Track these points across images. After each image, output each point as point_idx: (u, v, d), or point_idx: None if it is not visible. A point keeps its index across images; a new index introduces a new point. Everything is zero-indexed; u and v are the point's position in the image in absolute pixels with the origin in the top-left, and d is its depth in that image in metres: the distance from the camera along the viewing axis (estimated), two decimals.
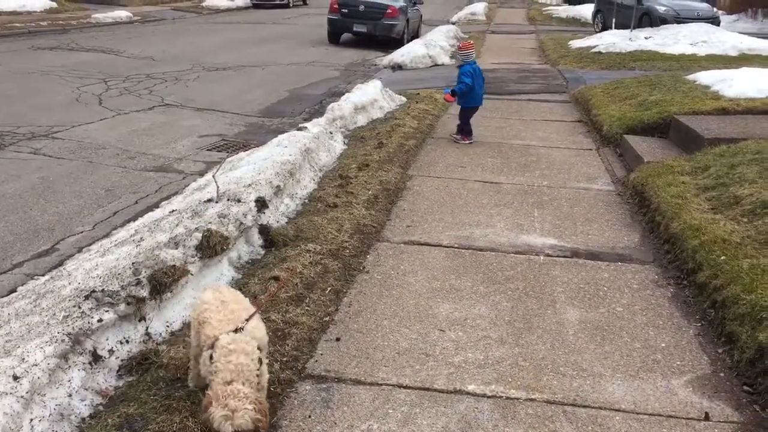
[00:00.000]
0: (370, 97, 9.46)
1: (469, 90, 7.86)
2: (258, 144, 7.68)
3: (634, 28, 19.03)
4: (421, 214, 5.48)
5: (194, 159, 7.53)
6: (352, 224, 4.96)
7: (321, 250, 4.41)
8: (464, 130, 8.07)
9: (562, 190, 6.20)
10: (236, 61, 15.27)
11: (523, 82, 12.97)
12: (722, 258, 3.96)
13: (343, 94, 10.00)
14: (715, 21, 21.00)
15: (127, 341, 3.22)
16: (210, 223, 4.03)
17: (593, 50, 16.40)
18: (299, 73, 14.26)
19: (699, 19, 20.45)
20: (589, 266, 4.52)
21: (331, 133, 7.62)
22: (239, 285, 3.93)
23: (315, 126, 7.57)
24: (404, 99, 10.38)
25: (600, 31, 22.61)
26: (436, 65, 15.85)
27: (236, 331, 2.63)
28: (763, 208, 4.45)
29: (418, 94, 10.79)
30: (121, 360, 3.14)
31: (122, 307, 3.23)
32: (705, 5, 22.73)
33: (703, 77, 9.40)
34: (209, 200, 4.52)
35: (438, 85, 12.45)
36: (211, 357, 2.59)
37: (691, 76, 9.78)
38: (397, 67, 15.74)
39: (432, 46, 16.49)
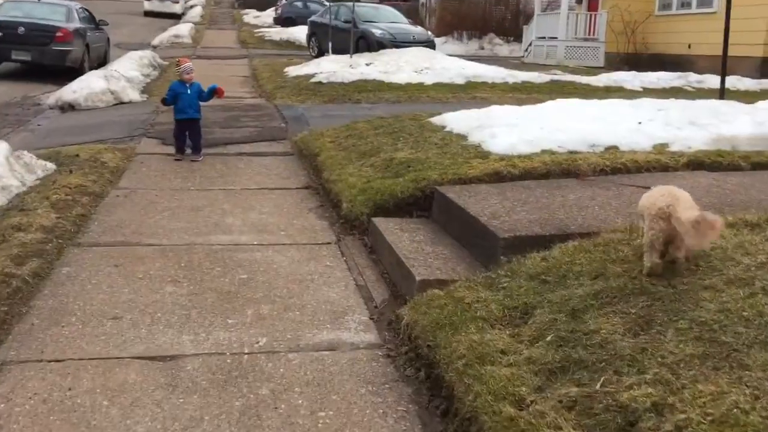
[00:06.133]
0: None
1: (173, 103, 7.86)
2: None
3: (353, 53, 17.33)
4: None
5: None
6: None
7: None
8: (176, 146, 7.95)
9: (292, 361, 3.48)
10: None
11: (232, 126, 10.21)
12: None
13: None
14: (430, 44, 20.32)
15: None
16: None
17: (313, 80, 14.22)
18: None
19: (415, 42, 19.55)
20: None
21: None
22: None
23: None
24: (53, 166, 6.99)
25: (316, 56, 20.80)
26: (122, 103, 12.43)
27: None
28: None
29: (77, 155, 7.45)
30: None
31: None
32: (420, 29, 22.11)
33: (454, 122, 7.43)
34: None
35: (116, 136, 9.19)
36: None
37: (437, 120, 7.78)
38: (68, 107, 12.07)
39: (115, 79, 13.01)
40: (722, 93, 8.40)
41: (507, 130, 6.53)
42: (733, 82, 15.23)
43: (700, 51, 19.91)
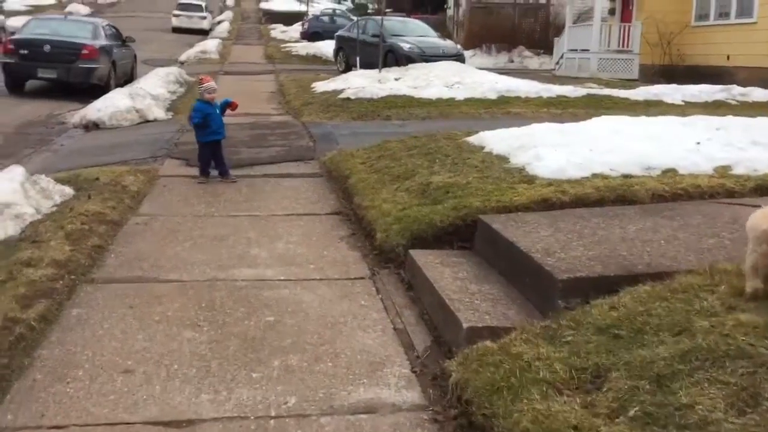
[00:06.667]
0: None
1: (204, 125, 7.44)
2: None
3: (381, 68, 16.94)
4: None
5: None
6: None
7: None
8: (201, 168, 7.62)
9: (325, 428, 3.03)
10: None
11: (259, 145, 9.86)
12: None
13: None
14: (460, 58, 19.91)
15: None
16: None
17: (341, 96, 13.86)
18: None
19: (445, 56, 19.16)
20: None
21: None
22: None
23: None
24: (71, 191, 6.66)
25: (344, 71, 20.54)
26: (147, 122, 12.17)
27: None
28: None
29: (97, 179, 7.11)
30: None
31: None
32: (450, 42, 21.76)
33: (493, 142, 6.96)
34: None
35: (139, 156, 8.88)
36: None
37: (474, 139, 7.32)
38: (93, 125, 11.84)
39: (140, 97, 12.78)
40: None
41: (553, 152, 6.05)
42: None
43: (740, 62, 19.20)
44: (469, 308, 3.90)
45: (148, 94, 13.24)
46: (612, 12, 24.24)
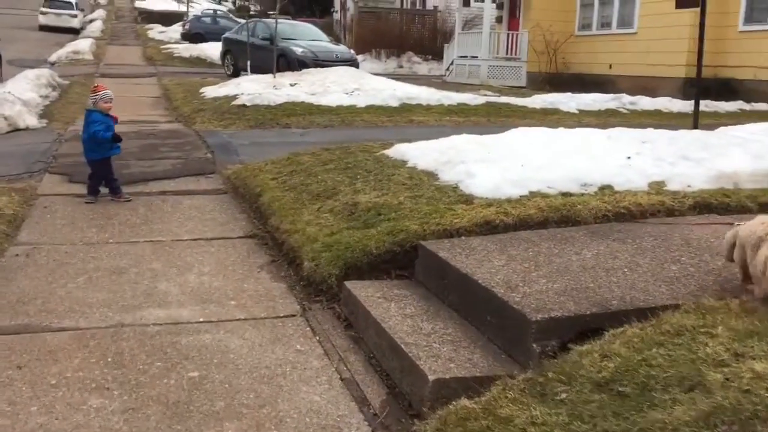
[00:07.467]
0: None
1: (117, 138, 6.71)
2: None
3: (276, 73, 16.24)
4: None
5: None
6: None
7: None
8: (91, 186, 6.71)
9: None
10: None
11: (150, 157, 8.99)
12: None
13: None
14: (354, 63, 19.61)
15: None
16: None
17: (236, 102, 13.07)
18: None
19: (339, 61, 18.77)
20: None
21: None
22: None
23: None
24: None
25: (232, 75, 19.69)
26: (17, 130, 10.91)
27: None
28: None
29: None
30: None
31: None
32: (343, 47, 21.39)
33: (414, 155, 6.54)
34: None
35: (12, 172, 7.83)
36: None
37: (393, 153, 6.87)
38: None
39: (9, 103, 11.45)
40: (696, 121, 7.90)
41: (484, 168, 5.70)
42: (665, 103, 15.14)
43: (621, 71, 19.97)
44: (428, 354, 3.43)
45: (18, 99, 11.91)
46: (499, 20, 24.64)
